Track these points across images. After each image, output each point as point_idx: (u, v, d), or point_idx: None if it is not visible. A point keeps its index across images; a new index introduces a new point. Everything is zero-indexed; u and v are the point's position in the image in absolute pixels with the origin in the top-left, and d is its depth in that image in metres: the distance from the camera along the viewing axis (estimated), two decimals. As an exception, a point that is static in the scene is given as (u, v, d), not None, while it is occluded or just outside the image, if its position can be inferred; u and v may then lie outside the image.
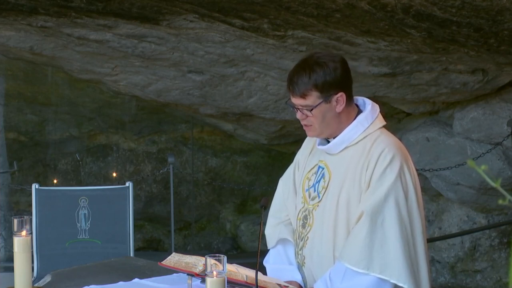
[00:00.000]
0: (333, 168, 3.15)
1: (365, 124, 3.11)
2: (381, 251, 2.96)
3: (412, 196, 3.04)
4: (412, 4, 4.55)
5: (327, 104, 3.06)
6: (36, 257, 5.55)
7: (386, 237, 2.97)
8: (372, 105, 3.16)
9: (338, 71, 3.05)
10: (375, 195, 2.99)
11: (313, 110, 3.05)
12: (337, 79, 3.05)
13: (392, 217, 2.98)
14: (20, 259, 3.03)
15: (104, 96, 8.75)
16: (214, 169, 9.32)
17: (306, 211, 3.20)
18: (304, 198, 3.22)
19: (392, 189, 2.99)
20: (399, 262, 2.95)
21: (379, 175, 3.00)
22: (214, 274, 2.74)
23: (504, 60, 5.68)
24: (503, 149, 6.74)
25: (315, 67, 3.04)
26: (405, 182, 3.03)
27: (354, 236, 2.99)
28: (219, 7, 5.17)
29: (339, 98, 3.06)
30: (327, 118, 3.07)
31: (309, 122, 3.10)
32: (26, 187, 7.44)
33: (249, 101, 6.95)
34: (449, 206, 7.50)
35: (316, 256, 3.14)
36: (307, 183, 3.23)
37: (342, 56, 3.17)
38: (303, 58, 3.14)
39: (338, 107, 3.07)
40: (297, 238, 3.23)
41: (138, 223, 8.61)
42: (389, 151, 3.04)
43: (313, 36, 5.44)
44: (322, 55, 3.12)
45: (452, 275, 7.47)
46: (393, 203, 2.98)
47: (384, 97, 6.60)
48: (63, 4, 5.37)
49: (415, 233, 3.02)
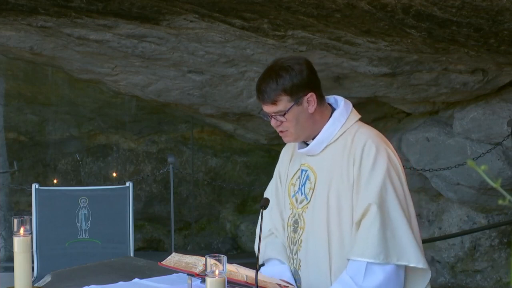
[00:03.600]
0: (317, 168, 3.18)
1: (342, 120, 3.15)
2: (393, 239, 3.01)
3: (402, 178, 3.11)
4: (412, 4, 4.55)
5: (299, 107, 3.08)
6: (36, 257, 5.56)
7: (395, 224, 3.02)
8: (345, 101, 3.20)
9: (305, 72, 3.08)
10: (373, 185, 3.03)
11: (286, 114, 3.08)
12: (304, 80, 3.07)
13: (395, 203, 3.04)
14: (20, 259, 3.03)
15: (104, 96, 8.75)
16: (214, 169, 9.32)
17: (295, 216, 3.22)
18: (292, 204, 3.25)
19: (387, 176, 3.04)
20: (411, 246, 3.02)
21: (371, 165, 3.04)
22: (215, 274, 2.74)
23: (504, 60, 5.68)
24: (503, 149, 6.74)
25: (281, 72, 3.07)
26: (395, 166, 3.09)
27: (368, 230, 3.01)
28: (219, 7, 5.17)
29: (310, 98, 3.09)
30: (301, 121, 3.10)
31: (284, 127, 3.13)
32: (26, 187, 7.44)
33: (249, 101, 6.94)
34: (449, 206, 7.50)
35: (311, 257, 3.15)
36: (292, 189, 3.26)
37: (306, 58, 3.19)
38: (268, 65, 3.16)
39: (311, 108, 3.10)
40: (290, 244, 3.25)
41: (138, 223, 8.62)
42: (373, 141, 3.09)
43: (313, 36, 5.45)
44: (286, 59, 3.15)
45: (452, 275, 7.47)
46: (392, 190, 3.04)
47: (384, 97, 6.59)
48: (63, 4, 5.37)
49: (411, 213, 3.11)
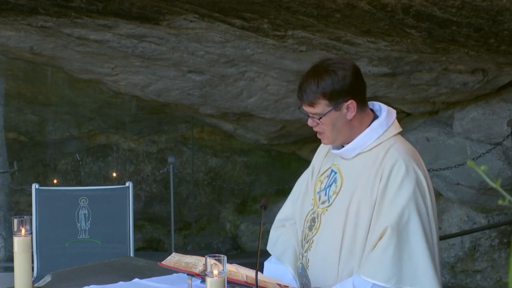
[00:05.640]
0: (346, 173, 3.11)
1: (379, 131, 3.07)
2: (409, 265, 2.92)
3: (429, 203, 3.00)
4: (412, 4, 4.55)
5: (337, 112, 3.02)
6: (36, 257, 5.55)
7: (413, 250, 2.93)
8: (388, 111, 3.11)
9: (348, 79, 3.00)
10: (396, 207, 2.94)
11: (322, 118, 3.02)
12: (346, 87, 3.00)
13: (416, 229, 2.94)
14: (20, 259, 3.03)
15: (104, 96, 8.75)
16: (214, 169, 9.32)
17: (314, 214, 3.17)
18: (315, 201, 3.19)
19: (412, 200, 2.95)
20: (428, 274, 2.93)
21: (397, 186, 2.96)
22: (215, 274, 2.74)
23: (504, 60, 5.68)
24: (503, 149, 6.73)
25: (324, 75, 3.00)
26: (422, 190, 2.99)
27: (382, 252, 2.93)
28: (219, 7, 5.17)
29: (350, 105, 3.01)
30: (338, 126, 3.04)
31: (321, 129, 3.07)
32: (26, 187, 7.44)
33: (249, 101, 6.94)
34: (449, 206, 7.50)
35: (320, 260, 3.12)
36: (319, 186, 3.21)
37: (354, 63, 3.11)
38: (314, 64, 3.10)
39: (349, 114, 3.03)
40: (302, 239, 3.21)
41: (138, 223, 8.61)
42: (404, 161, 2.99)
43: (313, 36, 5.44)
44: (333, 62, 3.07)
45: (452, 275, 7.46)
46: (415, 214, 2.94)
47: (384, 97, 6.59)
48: (63, 4, 5.37)
49: (434, 238, 3.00)
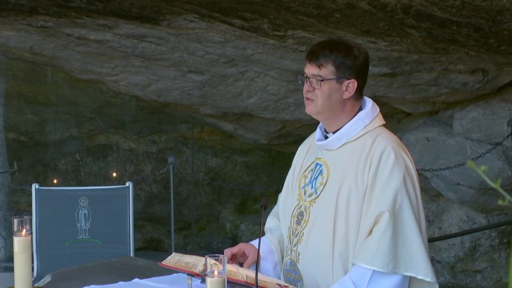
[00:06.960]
0: (332, 164, 3.15)
1: (366, 121, 3.13)
2: (404, 250, 2.98)
3: (418, 190, 3.08)
4: (412, 4, 4.55)
5: (338, 85, 3.08)
6: (36, 257, 5.55)
7: (408, 234, 3.00)
8: (373, 104, 3.19)
9: (359, 60, 3.09)
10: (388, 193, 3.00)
11: (323, 82, 3.07)
12: (356, 66, 3.08)
13: (408, 213, 3.00)
14: (20, 259, 3.03)
15: (104, 96, 8.75)
16: (214, 169, 9.31)
17: (301, 208, 3.20)
18: (300, 196, 3.23)
19: (403, 186, 3.01)
20: (422, 258, 2.99)
21: (388, 172, 3.01)
22: (215, 274, 2.74)
23: (504, 60, 5.68)
24: (503, 149, 6.73)
25: (340, 46, 3.09)
26: (411, 176, 3.06)
27: (380, 238, 2.98)
28: (219, 7, 5.17)
29: (350, 84, 3.08)
30: (332, 98, 3.08)
31: (313, 96, 3.10)
32: (26, 187, 7.44)
33: (249, 101, 6.94)
34: (449, 206, 7.49)
35: (311, 252, 3.13)
36: (303, 181, 3.24)
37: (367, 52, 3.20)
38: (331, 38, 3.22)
39: (346, 94, 3.09)
40: (290, 234, 3.23)
41: (138, 223, 8.61)
42: (392, 148, 3.06)
43: (313, 36, 5.44)
44: (351, 41, 3.20)
45: (452, 275, 7.46)
46: (407, 200, 3.01)
47: (384, 97, 6.59)
48: (63, 4, 5.37)
49: (423, 225, 3.07)
